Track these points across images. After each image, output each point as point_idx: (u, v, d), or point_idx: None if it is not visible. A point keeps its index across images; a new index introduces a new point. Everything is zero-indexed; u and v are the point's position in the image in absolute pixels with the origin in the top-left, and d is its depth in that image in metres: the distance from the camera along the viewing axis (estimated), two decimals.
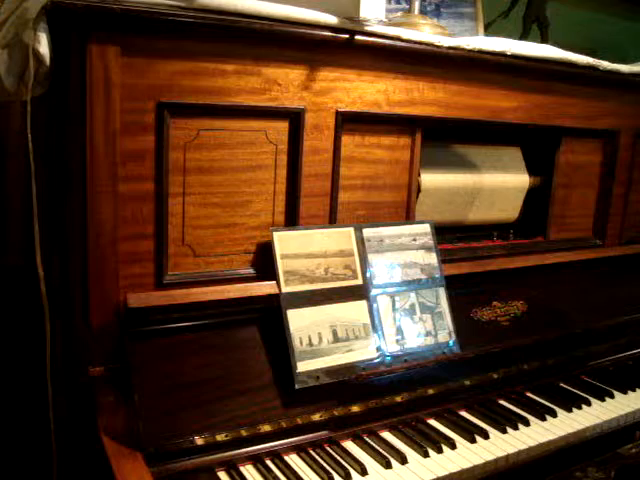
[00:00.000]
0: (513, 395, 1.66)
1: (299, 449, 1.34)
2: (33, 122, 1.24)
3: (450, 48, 1.58)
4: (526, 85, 1.79)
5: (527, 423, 1.53)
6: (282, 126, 1.43)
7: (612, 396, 1.71)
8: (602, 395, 1.70)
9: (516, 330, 1.74)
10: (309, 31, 1.38)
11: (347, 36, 1.42)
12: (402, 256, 1.58)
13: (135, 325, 1.28)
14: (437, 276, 1.61)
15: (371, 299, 1.50)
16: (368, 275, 1.51)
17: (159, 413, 1.23)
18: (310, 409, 1.37)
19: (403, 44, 1.51)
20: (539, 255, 1.92)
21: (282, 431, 1.33)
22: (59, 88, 1.26)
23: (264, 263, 1.44)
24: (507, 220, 1.98)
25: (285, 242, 1.42)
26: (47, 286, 1.29)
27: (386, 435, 1.44)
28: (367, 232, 1.54)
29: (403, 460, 1.33)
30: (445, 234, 1.84)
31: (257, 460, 1.29)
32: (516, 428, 1.50)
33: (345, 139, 1.52)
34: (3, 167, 1.49)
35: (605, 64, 1.91)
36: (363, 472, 1.28)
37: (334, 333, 1.42)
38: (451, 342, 1.58)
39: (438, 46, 1.56)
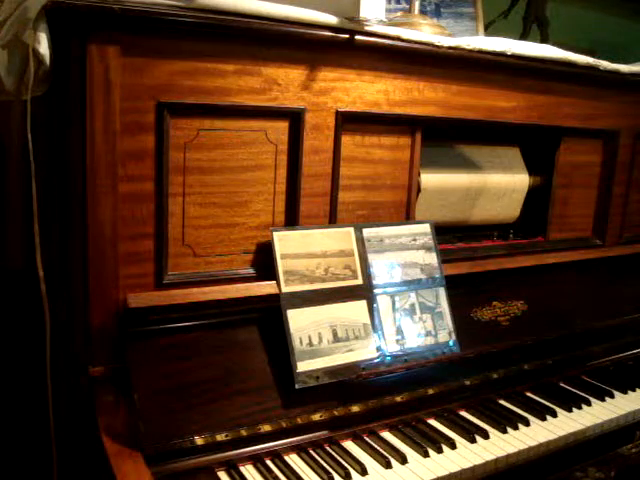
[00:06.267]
0: (513, 395, 1.66)
1: (299, 449, 1.34)
2: (33, 122, 1.24)
3: (450, 48, 1.58)
4: (526, 85, 1.79)
5: (527, 423, 1.53)
6: (282, 126, 1.43)
7: (612, 396, 1.71)
8: (602, 395, 1.70)
9: (516, 330, 1.74)
10: (309, 31, 1.38)
11: (347, 36, 1.42)
12: (402, 256, 1.58)
13: (135, 325, 1.28)
14: (437, 276, 1.61)
15: (371, 299, 1.50)
16: (368, 275, 1.51)
17: (159, 413, 1.23)
18: (310, 409, 1.37)
19: (403, 44, 1.51)
20: (539, 255, 1.92)
21: (282, 431, 1.33)
22: (59, 88, 1.26)
23: (264, 263, 1.44)
24: (507, 220, 1.98)
25: (285, 242, 1.42)
26: (47, 286, 1.29)
27: (386, 435, 1.44)
28: (367, 232, 1.54)
29: (403, 460, 1.33)
30: (445, 234, 1.84)
31: (257, 460, 1.29)
32: (516, 428, 1.50)
33: (345, 139, 1.52)
34: (3, 167, 1.49)
35: (605, 64, 1.91)
36: (363, 472, 1.28)
37: (334, 333, 1.42)
38: (451, 342, 1.58)
39: (438, 46, 1.56)
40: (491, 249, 1.85)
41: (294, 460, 1.32)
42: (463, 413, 1.56)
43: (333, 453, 1.34)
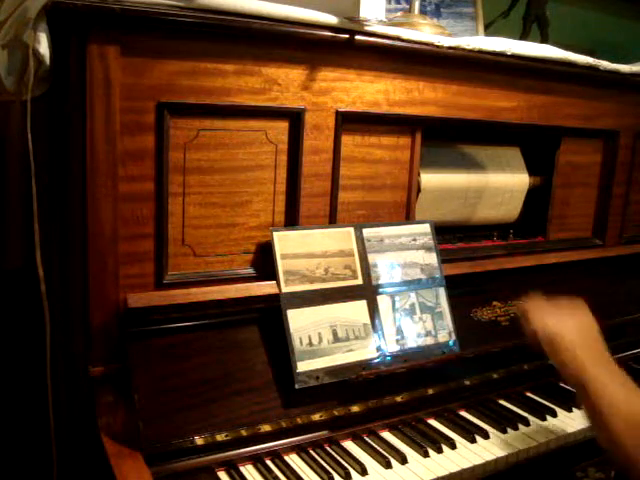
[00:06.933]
0: (513, 395, 1.66)
1: (299, 449, 1.34)
2: (33, 122, 1.24)
3: (450, 48, 1.58)
4: (526, 85, 1.79)
5: (527, 423, 1.53)
6: (282, 126, 1.43)
7: None
8: None
9: (516, 330, 1.72)
10: (309, 31, 1.38)
11: (347, 36, 1.42)
12: (402, 256, 1.58)
13: (135, 325, 1.28)
14: (437, 276, 1.61)
15: (371, 299, 1.50)
16: (368, 275, 1.51)
17: (159, 413, 1.23)
18: (310, 409, 1.37)
19: (403, 44, 1.51)
20: (539, 255, 1.92)
21: (282, 431, 1.33)
22: (59, 88, 1.26)
23: (264, 263, 1.44)
24: (507, 220, 1.98)
25: (285, 242, 1.42)
26: (47, 286, 1.29)
27: (386, 435, 1.44)
28: (367, 232, 1.54)
29: (403, 460, 1.33)
30: (445, 234, 1.84)
31: (257, 460, 1.29)
32: (516, 428, 1.50)
33: (345, 139, 1.52)
34: (3, 167, 1.49)
35: (605, 64, 1.91)
36: (363, 472, 1.28)
37: (334, 333, 1.42)
38: (451, 342, 1.58)
39: (438, 46, 1.56)
40: (491, 249, 1.85)
41: (294, 460, 1.32)
42: (463, 413, 1.56)
43: (333, 453, 1.34)
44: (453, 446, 1.40)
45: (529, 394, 1.69)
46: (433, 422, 1.50)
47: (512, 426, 1.50)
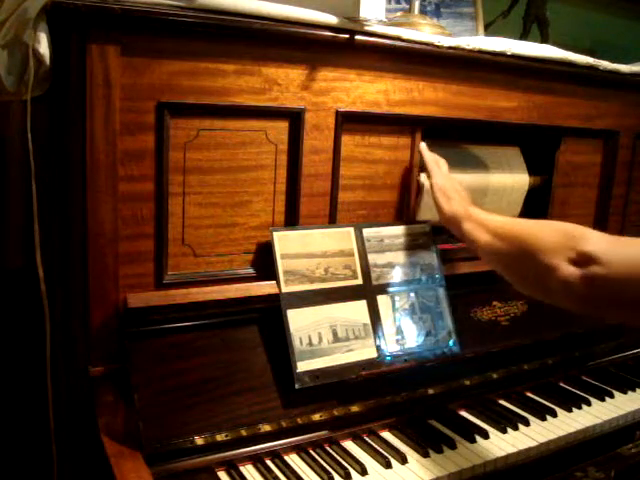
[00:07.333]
0: (513, 395, 1.66)
1: (299, 449, 1.34)
2: (33, 122, 1.24)
3: (450, 48, 1.58)
4: (526, 85, 1.79)
5: (527, 423, 1.53)
6: (282, 126, 1.43)
7: (612, 396, 1.71)
8: (602, 395, 1.70)
9: (516, 330, 1.74)
10: (309, 31, 1.38)
11: (347, 36, 1.42)
12: (402, 256, 1.58)
13: (135, 325, 1.28)
14: (437, 276, 1.61)
15: (371, 299, 1.50)
16: (368, 275, 1.51)
17: (159, 413, 1.23)
18: (310, 409, 1.37)
19: (403, 44, 1.51)
20: None
21: (282, 431, 1.33)
22: (59, 88, 1.26)
23: (264, 263, 1.44)
24: None
25: (285, 242, 1.42)
26: (47, 286, 1.29)
27: (386, 435, 1.44)
28: (367, 232, 1.54)
29: (403, 460, 1.33)
30: (445, 234, 1.84)
31: (257, 460, 1.29)
32: (516, 428, 1.50)
33: (345, 139, 1.52)
34: (3, 167, 1.49)
35: (605, 64, 1.91)
36: (363, 472, 1.28)
37: (334, 333, 1.42)
38: (451, 342, 1.58)
39: (438, 46, 1.56)
40: None
41: (294, 460, 1.32)
42: (463, 413, 1.56)
43: (333, 453, 1.34)
44: (453, 446, 1.40)
45: (529, 394, 1.69)
46: (433, 422, 1.50)
47: (512, 426, 1.50)
